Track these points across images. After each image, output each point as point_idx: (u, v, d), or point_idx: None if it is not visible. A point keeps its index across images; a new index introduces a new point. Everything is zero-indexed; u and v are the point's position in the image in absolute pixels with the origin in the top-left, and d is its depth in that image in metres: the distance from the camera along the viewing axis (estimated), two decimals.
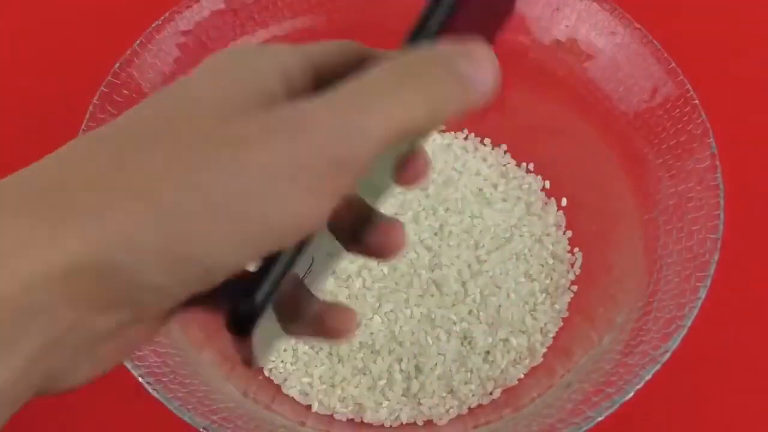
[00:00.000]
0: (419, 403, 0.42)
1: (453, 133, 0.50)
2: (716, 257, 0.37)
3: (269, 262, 0.21)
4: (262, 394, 0.41)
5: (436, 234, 0.46)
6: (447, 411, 0.42)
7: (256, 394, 0.41)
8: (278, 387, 0.43)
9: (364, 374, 0.43)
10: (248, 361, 0.23)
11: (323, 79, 0.22)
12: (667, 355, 0.35)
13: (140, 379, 0.35)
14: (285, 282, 0.22)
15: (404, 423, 0.42)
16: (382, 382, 0.42)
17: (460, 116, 0.21)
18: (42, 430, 0.43)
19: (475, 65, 0.21)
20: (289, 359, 0.43)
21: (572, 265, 0.46)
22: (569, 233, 0.47)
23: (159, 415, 0.35)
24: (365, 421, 0.42)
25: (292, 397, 0.42)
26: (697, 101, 0.41)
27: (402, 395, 0.42)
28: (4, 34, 0.57)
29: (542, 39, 0.46)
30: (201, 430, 0.34)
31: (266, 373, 0.43)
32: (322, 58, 0.23)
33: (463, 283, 0.45)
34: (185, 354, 0.39)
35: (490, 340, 0.43)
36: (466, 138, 0.50)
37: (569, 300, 0.45)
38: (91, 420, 0.43)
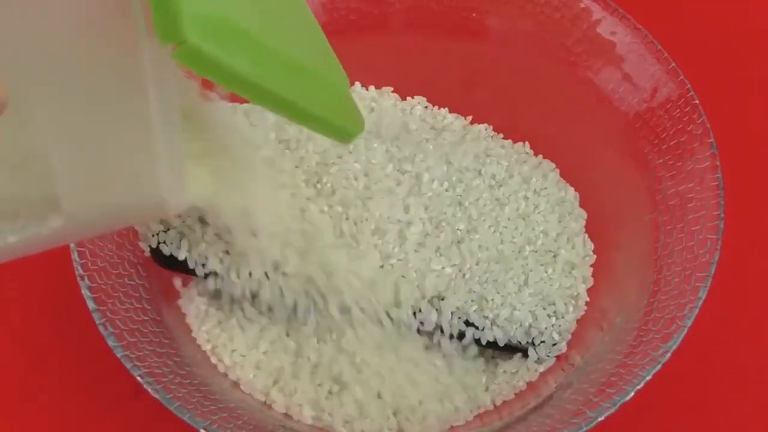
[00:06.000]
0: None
1: None
2: (716, 257, 0.37)
3: None
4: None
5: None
6: None
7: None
8: None
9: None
10: None
11: None
12: (668, 356, 0.35)
13: (140, 379, 0.34)
14: None
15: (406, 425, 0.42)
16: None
17: None
18: (41, 430, 0.43)
19: None
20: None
21: None
22: None
23: (159, 415, 0.35)
24: (364, 429, 0.42)
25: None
26: (697, 101, 0.41)
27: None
28: None
29: (542, 40, 0.46)
30: (201, 430, 0.34)
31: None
32: None
33: None
34: (185, 354, 0.39)
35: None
36: None
37: None
38: (91, 420, 0.43)
